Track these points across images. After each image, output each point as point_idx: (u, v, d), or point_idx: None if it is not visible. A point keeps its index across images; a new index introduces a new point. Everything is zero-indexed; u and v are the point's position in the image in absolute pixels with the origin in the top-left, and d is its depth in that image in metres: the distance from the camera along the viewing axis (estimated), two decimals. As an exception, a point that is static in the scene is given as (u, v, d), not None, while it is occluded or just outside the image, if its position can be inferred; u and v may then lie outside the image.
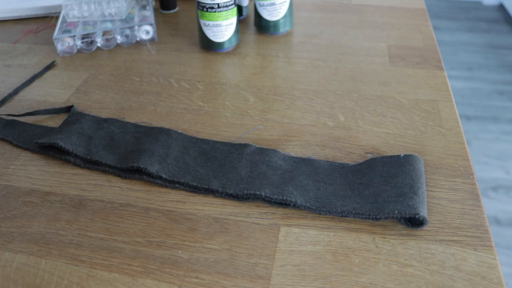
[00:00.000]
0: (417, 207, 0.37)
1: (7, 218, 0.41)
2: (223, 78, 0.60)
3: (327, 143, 0.48)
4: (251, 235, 0.38)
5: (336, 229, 0.39)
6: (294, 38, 0.70)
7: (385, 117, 0.52)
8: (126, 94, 0.58)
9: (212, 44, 0.65)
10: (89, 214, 0.41)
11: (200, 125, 0.51)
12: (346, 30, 0.72)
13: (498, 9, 2.88)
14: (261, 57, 0.65)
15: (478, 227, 0.38)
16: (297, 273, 0.35)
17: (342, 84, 0.58)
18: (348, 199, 0.40)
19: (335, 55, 0.65)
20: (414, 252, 0.37)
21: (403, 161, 0.42)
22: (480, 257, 0.36)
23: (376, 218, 0.38)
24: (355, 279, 0.35)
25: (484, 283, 0.34)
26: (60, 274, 0.36)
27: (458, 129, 0.49)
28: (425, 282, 0.34)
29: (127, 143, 0.47)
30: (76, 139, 0.47)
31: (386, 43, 0.67)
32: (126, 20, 0.70)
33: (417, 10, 0.78)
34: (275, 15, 0.68)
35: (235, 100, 0.55)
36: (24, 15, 0.78)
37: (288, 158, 0.45)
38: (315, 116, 0.52)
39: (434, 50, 0.65)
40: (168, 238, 0.38)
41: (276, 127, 0.51)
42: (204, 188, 0.42)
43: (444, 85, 0.57)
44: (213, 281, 0.35)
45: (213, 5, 0.61)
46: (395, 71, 0.61)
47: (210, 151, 0.46)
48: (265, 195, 0.40)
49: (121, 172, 0.45)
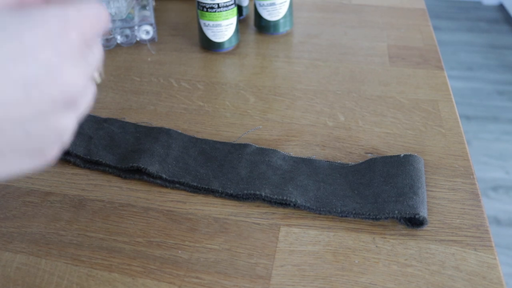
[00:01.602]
0: (417, 207, 0.37)
1: (7, 218, 0.41)
2: (223, 78, 0.60)
3: (327, 143, 0.48)
4: (251, 235, 0.38)
5: (336, 229, 0.39)
6: (294, 38, 0.70)
7: (385, 117, 0.52)
8: (126, 94, 0.58)
9: (212, 44, 0.65)
10: (89, 214, 0.41)
11: (200, 125, 0.51)
12: (346, 30, 0.72)
13: (498, 9, 2.88)
14: (261, 57, 0.65)
15: (478, 227, 0.38)
16: (297, 273, 0.35)
17: (342, 84, 0.58)
18: (348, 199, 0.40)
19: (335, 55, 0.65)
20: (414, 252, 0.37)
21: (403, 161, 0.42)
22: (480, 257, 0.36)
23: (376, 218, 0.38)
24: (355, 279, 0.35)
25: (484, 283, 0.34)
26: (60, 274, 0.36)
27: (458, 129, 0.49)
28: (425, 282, 0.34)
29: (127, 143, 0.47)
30: (76, 139, 0.47)
31: (386, 43, 0.67)
32: (126, 20, 0.70)
33: (417, 10, 0.78)
34: (275, 15, 0.68)
35: (235, 100, 0.55)
36: (24, 15, 0.78)
37: (288, 158, 0.45)
38: (315, 116, 0.52)
39: (434, 50, 0.65)
40: (168, 238, 0.38)
41: (276, 127, 0.51)
42: (204, 188, 0.42)
43: (444, 85, 0.57)
44: (213, 281, 0.35)
45: (213, 5, 0.61)
46: (395, 71, 0.61)
47: (210, 151, 0.46)
48: (265, 195, 0.40)
49: (121, 172, 0.45)
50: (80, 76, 0.24)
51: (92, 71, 0.25)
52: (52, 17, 0.23)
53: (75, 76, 0.24)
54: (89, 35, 0.25)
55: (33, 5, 0.25)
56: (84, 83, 0.24)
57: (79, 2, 0.24)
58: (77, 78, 0.24)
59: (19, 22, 0.22)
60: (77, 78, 0.24)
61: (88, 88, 0.25)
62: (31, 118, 0.22)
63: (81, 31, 0.24)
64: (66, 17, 0.23)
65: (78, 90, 0.24)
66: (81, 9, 0.24)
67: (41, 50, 0.22)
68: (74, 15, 0.24)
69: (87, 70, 0.25)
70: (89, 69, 0.25)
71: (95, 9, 0.25)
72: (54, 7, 0.23)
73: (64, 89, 0.23)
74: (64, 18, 0.23)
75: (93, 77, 0.26)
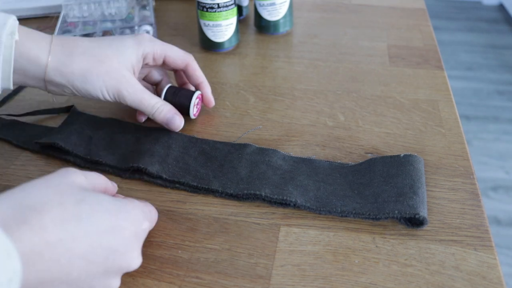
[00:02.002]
0: (417, 207, 0.37)
1: (7, 218, 0.41)
2: (223, 78, 0.60)
3: (327, 143, 0.48)
4: (251, 235, 0.38)
5: (336, 229, 0.39)
6: (294, 38, 0.70)
7: (385, 117, 0.52)
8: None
9: (212, 44, 0.65)
10: (89, 214, 0.41)
11: (200, 125, 0.51)
12: (346, 30, 0.72)
13: (498, 9, 2.89)
14: (261, 57, 0.65)
15: (478, 227, 0.38)
16: (297, 273, 0.35)
17: (342, 84, 0.58)
18: (348, 199, 0.40)
19: (335, 55, 0.65)
20: (414, 252, 0.37)
21: (403, 161, 0.42)
22: (480, 257, 0.36)
23: (376, 218, 0.38)
24: (355, 279, 0.35)
25: (484, 283, 0.34)
26: (60, 274, 0.36)
27: (458, 129, 0.49)
28: (425, 282, 0.34)
29: (127, 143, 0.47)
30: (76, 139, 0.47)
31: (386, 43, 0.67)
32: (126, 20, 0.70)
33: (417, 10, 0.78)
34: (275, 15, 0.68)
35: (235, 100, 0.56)
36: (24, 15, 0.78)
37: (288, 158, 0.45)
38: (315, 116, 0.52)
39: (434, 50, 0.65)
40: (168, 238, 0.38)
41: (276, 127, 0.51)
42: (204, 188, 0.42)
43: (444, 85, 0.57)
44: (213, 281, 0.35)
45: (213, 5, 0.61)
46: (395, 71, 0.61)
47: (210, 151, 0.46)
48: (265, 195, 0.40)
49: (121, 172, 0.45)
50: (140, 257, 0.33)
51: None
52: (137, 209, 0.34)
53: (139, 257, 0.33)
54: (152, 226, 0.36)
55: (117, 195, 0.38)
56: (141, 262, 0.33)
57: (146, 205, 0.36)
58: (139, 259, 0.33)
59: (118, 207, 0.32)
60: (139, 259, 0.33)
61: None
62: (99, 275, 0.30)
63: (150, 222, 0.35)
64: (144, 211, 0.34)
65: (136, 267, 0.33)
66: (150, 209, 0.36)
67: (127, 231, 0.31)
68: (147, 210, 0.35)
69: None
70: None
71: (153, 210, 0.37)
72: (137, 201, 0.35)
73: (130, 264, 0.32)
74: (143, 212, 0.34)
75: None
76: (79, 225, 0.29)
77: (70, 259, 0.28)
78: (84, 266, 0.29)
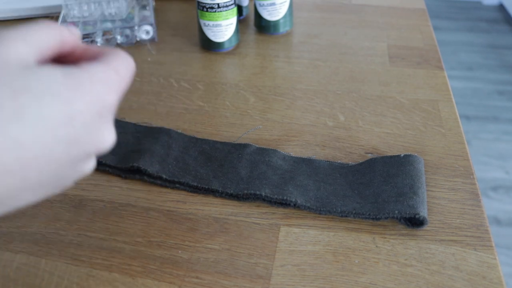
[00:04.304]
0: (417, 207, 0.37)
1: (7, 218, 0.41)
2: (223, 78, 0.60)
3: (327, 143, 0.48)
4: (251, 235, 0.38)
5: (336, 229, 0.39)
6: (294, 38, 0.70)
7: (385, 117, 0.52)
8: (126, 94, 0.57)
9: (212, 44, 0.65)
10: (89, 214, 0.41)
11: (200, 125, 0.51)
12: (346, 30, 0.72)
13: (498, 9, 2.89)
14: (261, 57, 0.65)
15: (478, 227, 0.38)
16: (297, 273, 0.35)
17: (342, 84, 0.58)
18: (348, 199, 0.40)
19: (335, 55, 0.65)
20: (414, 252, 0.37)
21: (403, 161, 0.42)
22: (480, 257, 0.36)
23: (376, 218, 0.38)
24: (355, 279, 0.35)
25: (484, 283, 0.34)
26: (60, 274, 0.36)
27: (458, 129, 0.49)
28: (425, 282, 0.34)
29: (127, 143, 0.47)
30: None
31: (386, 43, 0.67)
32: (126, 20, 0.70)
33: (417, 10, 0.78)
34: (275, 15, 0.68)
35: (235, 100, 0.56)
36: (24, 15, 0.78)
37: (288, 158, 0.45)
38: (315, 116, 0.52)
39: (434, 50, 0.65)
40: (168, 238, 0.38)
41: (276, 127, 0.51)
42: (204, 188, 0.42)
43: (444, 85, 0.57)
44: (213, 281, 0.35)
45: (213, 5, 0.61)
46: (395, 71, 0.61)
47: (210, 151, 0.46)
48: (265, 195, 0.40)
49: (121, 172, 0.45)
50: (111, 133, 0.27)
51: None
52: (98, 82, 0.26)
53: (109, 135, 0.27)
54: (123, 92, 0.28)
55: (78, 61, 0.28)
56: (114, 138, 0.28)
57: (114, 56, 0.27)
58: (110, 136, 0.27)
59: (72, 89, 0.24)
60: (110, 136, 0.27)
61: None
62: (66, 167, 0.25)
63: (119, 93, 0.27)
64: (108, 82, 0.27)
65: (109, 146, 0.27)
66: (118, 69, 0.27)
67: (86, 115, 0.25)
68: (114, 79, 0.27)
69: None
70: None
71: (127, 63, 0.28)
72: (99, 69, 0.26)
73: (99, 146, 0.27)
74: (107, 84, 0.26)
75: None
76: (22, 126, 0.22)
77: (23, 166, 0.23)
78: (43, 167, 0.24)
